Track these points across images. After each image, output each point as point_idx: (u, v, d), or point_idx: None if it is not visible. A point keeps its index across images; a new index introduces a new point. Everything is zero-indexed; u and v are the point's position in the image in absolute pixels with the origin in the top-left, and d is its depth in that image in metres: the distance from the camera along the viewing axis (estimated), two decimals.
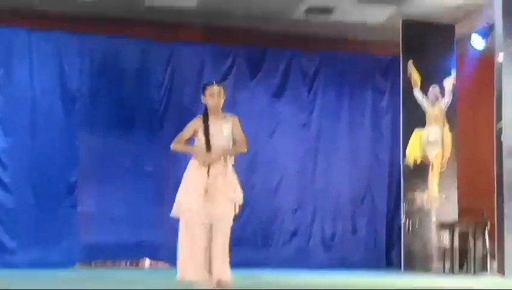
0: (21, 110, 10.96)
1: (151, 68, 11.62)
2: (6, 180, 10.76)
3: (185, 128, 6.43)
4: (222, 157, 6.29)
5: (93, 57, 11.39)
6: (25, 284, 7.40)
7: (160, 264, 11.26)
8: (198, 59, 11.82)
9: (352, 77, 12.33)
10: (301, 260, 11.72)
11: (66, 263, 10.68)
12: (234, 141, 6.35)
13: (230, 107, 11.48)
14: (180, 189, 6.34)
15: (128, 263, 11.26)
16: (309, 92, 12.25)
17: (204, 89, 6.42)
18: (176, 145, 6.39)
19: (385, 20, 11.48)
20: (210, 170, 6.25)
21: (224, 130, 6.35)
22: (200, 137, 6.34)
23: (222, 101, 6.38)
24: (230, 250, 6.39)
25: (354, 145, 12.27)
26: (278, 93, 12.14)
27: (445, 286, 7.97)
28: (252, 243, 11.61)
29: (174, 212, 6.30)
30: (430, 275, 10.10)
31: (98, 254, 11.15)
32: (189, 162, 6.39)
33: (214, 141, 6.29)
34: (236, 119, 6.44)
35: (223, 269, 6.25)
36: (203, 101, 6.41)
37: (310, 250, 11.88)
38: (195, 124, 6.38)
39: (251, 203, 11.69)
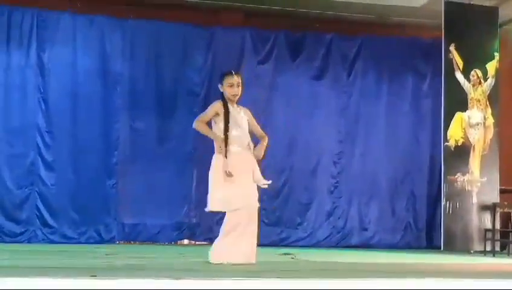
0: (64, 93, 11.14)
1: (192, 52, 11.71)
2: (49, 159, 10.96)
3: (208, 109, 6.51)
4: (247, 145, 6.41)
5: (135, 41, 11.51)
6: (61, 256, 7.52)
7: (198, 243, 11.38)
8: (238, 43, 11.88)
9: (392, 60, 12.28)
10: (339, 240, 11.84)
11: (105, 242, 10.87)
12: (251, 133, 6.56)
13: (270, 90, 11.72)
14: (211, 185, 6.43)
15: (166, 244, 11.37)
16: (349, 75, 12.24)
17: (222, 78, 6.50)
18: (199, 125, 6.47)
19: (426, 1, 11.40)
20: (234, 159, 6.33)
21: (244, 120, 6.48)
22: (220, 123, 6.43)
23: (240, 90, 6.48)
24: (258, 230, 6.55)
25: (394, 128, 12.24)
26: (318, 77, 12.15)
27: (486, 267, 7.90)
28: (290, 223, 11.71)
29: (210, 207, 6.42)
30: (471, 257, 10.03)
31: (137, 235, 11.30)
32: (213, 157, 6.48)
33: (237, 122, 6.42)
34: (251, 113, 6.61)
35: (253, 251, 6.36)
36: (220, 89, 6.50)
37: (347, 230, 11.95)
38: (217, 107, 6.48)
39: (289, 184, 11.81)
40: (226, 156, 6.33)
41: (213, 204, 6.45)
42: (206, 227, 11.23)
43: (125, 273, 5.03)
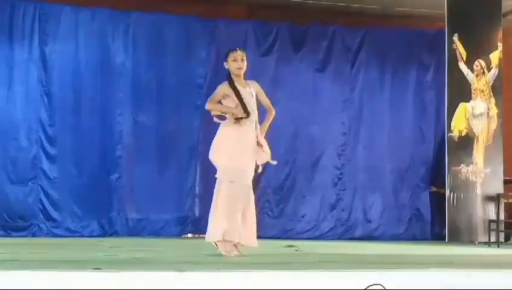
0: (67, 87, 11.10)
1: (195, 45, 11.67)
2: (52, 153, 10.94)
3: (215, 92, 6.54)
4: (254, 123, 6.45)
5: (138, 34, 11.46)
6: (65, 250, 7.53)
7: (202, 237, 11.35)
8: (241, 35, 11.83)
9: (395, 51, 12.25)
10: (343, 232, 11.84)
11: (108, 236, 10.84)
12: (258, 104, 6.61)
13: (273, 82, 11.69)
14: (222, 153, 6.41)
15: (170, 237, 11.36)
16: (352, 68, 12.21)
17: (227, 55, 6.54)
18: (212, 105, 6.53)
19: None
20: (240, 135, 6.37)
21: (250, 96, 6.49)
22: (232, 102, 6.44)
23: (245, 65, 6.50)
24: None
25: (398, 119, 12.22)
26: (321, 69, 12.12)
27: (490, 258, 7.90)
28: (293, 215, 11.71)
29: (221, 175, 6.40)
30: (475, 247, 10.02)
31: (141, 229, 11.24)
32: (220, 128, 6.47)
33: (245, 100, 6.43)
34: (258, 85, 6.62)
35: (254, 236, 6.39)
36: (226, 66, 6.53)
37: (351, 222, 11.95)
38: (223, 89, 6.52)
39: (293, 176, 11.81)
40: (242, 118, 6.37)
41: (215, 157, 6.45)
42: None
43: (129, 266, 5.03)
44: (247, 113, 6.40)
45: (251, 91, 6.55)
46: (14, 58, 10.91)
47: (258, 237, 6.69)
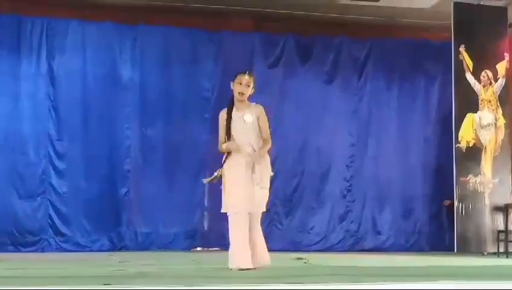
0: (74, 101, 11.17)
1: (201, 57, 11.73)
2: (61, 167, 10.99)
3: (219, 127, 6.53)
4: (255, 149, 6.40)
5: (145, 48, 11.54)
6: (73, 265, 7.53)
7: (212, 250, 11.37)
8: (248, 47, 11.89)
9: (402, 62, 12.29)
10: (353, 244, 11.83)
11: (117, 250, 10.87)
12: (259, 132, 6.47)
13: (280, 94, 11.71)
14: (225, 188, 6.44)
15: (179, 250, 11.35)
16: (359, 79, 12.24)
17: (235, 76, 6.53)
18: (222, 148, 6.51)
19: (435, 3, 11.37)
20: (233, 165, 6.37)
21: (246, 118, 6.45)
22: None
23: (249, 90, 6.50)
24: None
25: (405, 130, 12.24)
26: (328, 80, 12.16)
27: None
28: (302, 227, 11.69)
29: (225, 209, 6.43)
30: (484, 258, 9.98)
31: (150, 243, 11.26)
32: (223, 161, 6.48)
33: (237, 129, 6.41)
34: (262, 109, 6.55)
35: (266, 253, 6.42)
36: (231, 87, 6.52)
37: (361, 234, 11.94)
38: (223, 117, 6.50)
39: (301, 188, 11.80)
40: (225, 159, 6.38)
41: (223, 206, 6.49)
42: (219, 234, 11.21)
43: (138, 281, 5.03)
44: (228, 138, 6.40)
45: (248, 115, 6.49)
46: (22, 73, 11.01)
47: (267, 249, 6.69)
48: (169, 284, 4.57)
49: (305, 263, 7.90)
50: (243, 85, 6.46)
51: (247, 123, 6.44)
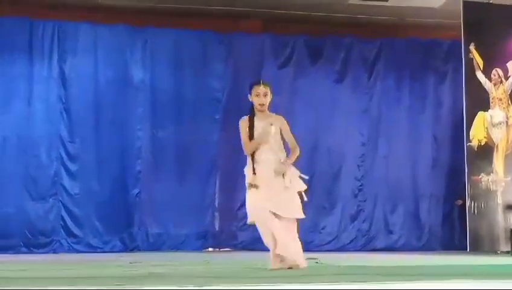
0: (86, 103, 11.23)
1: (212, 59, 11.76)
2: (73, 169, 11.05)
3: (241, 132, 6.53)
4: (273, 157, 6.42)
5: (156, 50, 11.58)
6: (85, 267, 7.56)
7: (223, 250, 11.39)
8: (258, 49, 11.91)
9: (412, 61, 12.27)
10: (364, 244, 11.82)
11: (129, 251, 10.91)
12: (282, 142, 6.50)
13: (291, 94, 11.72)
14: (247, 197, 6.47)
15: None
16: (369, 78, 12.24)
17: (251, 88, 6.52)
18: (247, 148, 6.48)
19: (445, 2, 11.35)
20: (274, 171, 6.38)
21: (272, 129, 6.46)
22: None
23: (268, 99, 6.50)
24: None
25: (416, 129, 12.22)
26: (338, 80, 12.16)
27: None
28: (314, 227, 11.67)
29: (250, 219, 6.45)
30: (497, 257, 9.95)
31: (161, 244, 11.30)
32: (245, 168, 6.49)
33: (261, 139, 6.41)
34: (284, 121, 6.55)
35: (300, 253, 6.49)
36: (250, 99, 6.51)
37: (373, 234, 11.93)
38: (245, 124, 6.49)
39: (312, 188, 11.77)
40: (253, 170, 6.38)
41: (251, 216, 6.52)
42: (231, 234, 11.26)
43: (150, 281, 5.05)
44: (251, 138, 6.40)
45: (273, 127, 6.49)
46: (34, 76, 11.06)
47: None
48: (180, 284, 4.58)
49: (316, 262, 7.89)
50: (261, 96, 6.47)
51: (271, 133, 6.46)
